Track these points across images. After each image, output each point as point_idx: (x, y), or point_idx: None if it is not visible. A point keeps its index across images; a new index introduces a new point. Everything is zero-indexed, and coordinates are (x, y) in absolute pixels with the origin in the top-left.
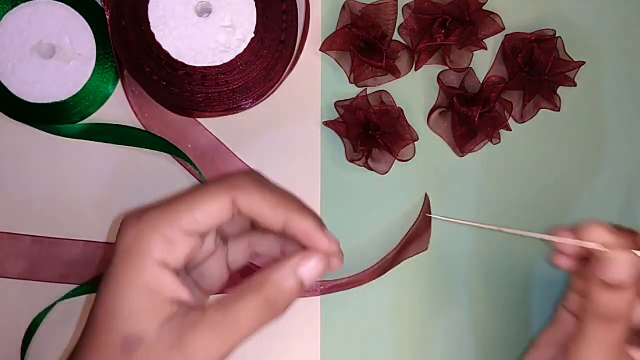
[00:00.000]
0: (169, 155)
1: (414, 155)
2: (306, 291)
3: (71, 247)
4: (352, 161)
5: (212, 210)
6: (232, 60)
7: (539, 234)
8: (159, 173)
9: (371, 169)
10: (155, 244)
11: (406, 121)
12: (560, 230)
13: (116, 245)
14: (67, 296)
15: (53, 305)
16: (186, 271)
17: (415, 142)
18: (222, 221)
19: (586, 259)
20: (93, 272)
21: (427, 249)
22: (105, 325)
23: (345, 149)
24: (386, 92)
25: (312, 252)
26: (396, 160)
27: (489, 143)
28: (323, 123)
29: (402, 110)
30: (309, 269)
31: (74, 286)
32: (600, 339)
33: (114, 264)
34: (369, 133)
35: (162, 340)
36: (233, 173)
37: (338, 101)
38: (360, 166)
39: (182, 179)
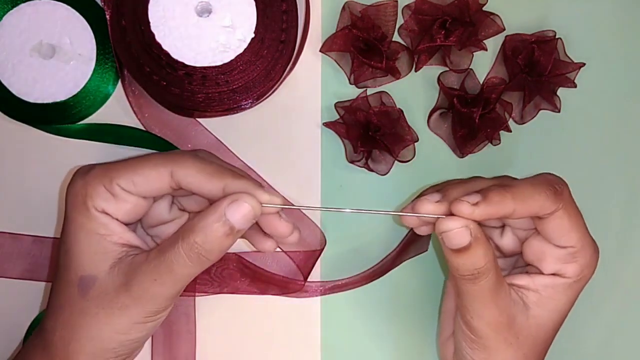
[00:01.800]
0: None
1: (414, 156)
2: (306, 291)
3: None
4: (352, 162)
5: (149, 176)
6: (232, 60)
7: (391, 212)
8: None
9: (371, 170)
10: (97, 195)
11: (406, 122)
12: (405, 207)
13: (66, 194)
14: None
15: None
16: (144, 230)
17: (415, 143)
18: (160, 190)
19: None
20: None
21: (427, 250)
22: (64, 267)
23: (345, 150)
24: (386, 92)
25: (240, 195)
26: (396, 161)
27: (489, 144)
28: (323, 124)
29: (402, 111)
30: (238, 211)
31: None
32: (475, 293)
33: (66, 211)
34: (368, 134)
35: (112, 280)
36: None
37: (338, 102)
38: (360, 167)
39: None
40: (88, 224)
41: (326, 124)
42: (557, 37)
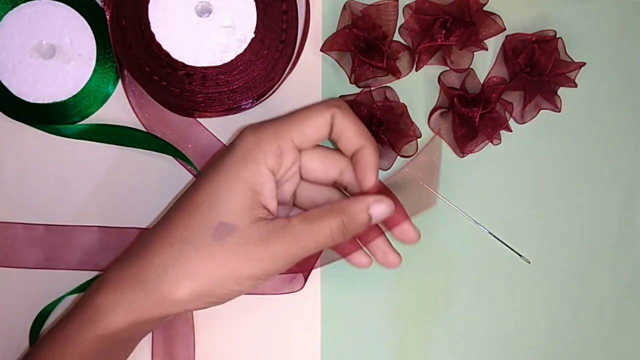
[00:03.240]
0: (169, 155)
1: (416, 152)
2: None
3: (85, 234)
4: None
5: (318, 124)
6: (232, 60)
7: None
8: (159, 173)
9: None
10: (271, 153)
11: (409, 117)
12: None
13: (234, 145)
14: (74, 291)
15: (60, 299)
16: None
17: (418, 140)
18: (323, 137)
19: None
20: (110, 257)
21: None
22: (205, 209)
23: None
24: (390, 88)
25: (384, 198)
26: (398, 156)
27: (490, 144)
28: None
29: (405, 106)
30: (379, 209)
31: (88, 276)
32: None
33: (229, 159)
34: (372, 128)
35: (252, 234)
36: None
37: (342, 96)
38: None
39: (182, 179)
40: (250, 179)
41: None
42: (557, 36)
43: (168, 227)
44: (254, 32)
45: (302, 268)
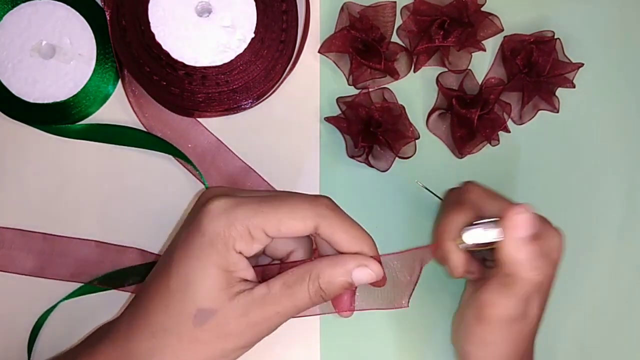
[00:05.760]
0: (169, 155)
1: (415, 153)
2: None
3: (82, 246)
4: (352, 157)
5: (296, 228)
6: (232, 60)
7: None
8: (159, 173)
9: (371, 166)
10: (241, 238)
11: (407, 119)
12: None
13: (203, 225)
14: (70, 296)
15: (56, 305)
16: None
17: (416, 142)
18: (300, 236)
19: None
20: (104, 271)
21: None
22: (181, 296)
23: (346, 145)
24: (388, 89)
25: (368, 261)
26: (397, 158)
27: (488, 145)
28: (324, 119)
29: (404, 107)
30: (362, 275)
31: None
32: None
33: (198, 241)
34: (370, 129)
35: (232, 311)
36: (317, 197)
37: (340, 97)
38: (361, 162)
39: (182, 179)
40: (222, 263)
41: (327, 119)
42: (555, 37)
43: (147, 313)
44: (254, 32)
45: None
